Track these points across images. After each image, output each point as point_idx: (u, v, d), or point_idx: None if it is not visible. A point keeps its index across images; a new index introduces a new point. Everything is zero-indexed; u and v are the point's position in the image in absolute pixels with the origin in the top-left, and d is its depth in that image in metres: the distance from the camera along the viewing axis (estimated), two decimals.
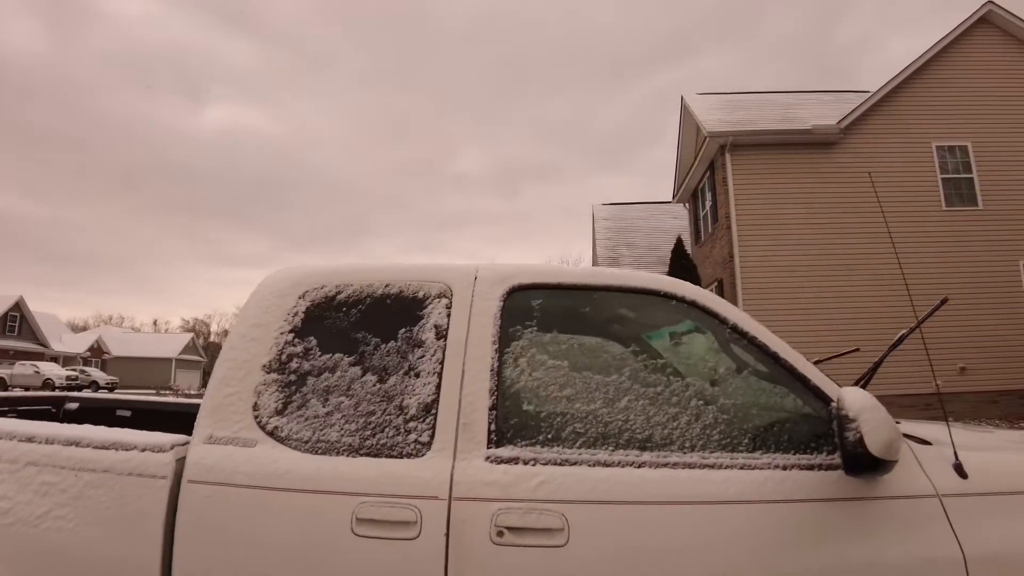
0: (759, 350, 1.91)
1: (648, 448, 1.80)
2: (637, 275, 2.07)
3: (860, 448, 1.60)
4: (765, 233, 14.22)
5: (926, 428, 2.31)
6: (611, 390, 1.88)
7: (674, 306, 2.01)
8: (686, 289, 2.02)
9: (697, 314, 1.99)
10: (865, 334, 13.68)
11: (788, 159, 14.56)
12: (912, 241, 14.09)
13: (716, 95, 17.25)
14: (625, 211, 24.17)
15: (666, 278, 2.07)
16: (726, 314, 1.97)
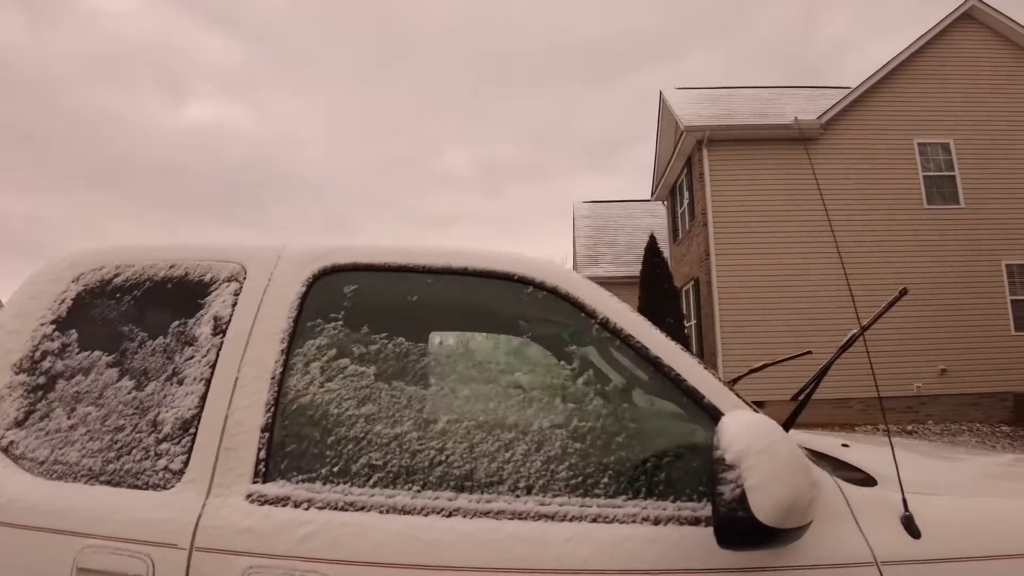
0: (636, 353, 1.43)
1: (467, 489, 1.33)
2: (487, 254, 1.59)
3: (740, 511, 1.09)
4: (743, 230, 13.79)
5: (877, 455, 1.82)
6: (426, 408, 1.41)
7: (530, 294, 1.52)
8: (547, 272, 1.54)
9: (559, 304, 1.50)
10: (845, 334, 13.30)
11: (767, 154, 14.12)
12: (893, 240, 13.74)
13: (695, 90, 16.81)
14: (605, 209, 23.75)
15: (525, 257, 1.58)
16: (594, 304, 1.48)
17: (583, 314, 1.48)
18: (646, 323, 1.49)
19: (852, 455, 1.88)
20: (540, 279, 1.52)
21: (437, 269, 1.55)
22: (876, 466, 1.59)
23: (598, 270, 20.08)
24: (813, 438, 2.32)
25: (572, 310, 1.49)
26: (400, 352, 1.47)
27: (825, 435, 2.67)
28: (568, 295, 1.50)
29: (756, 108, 15.12)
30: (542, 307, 1.52)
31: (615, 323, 1.46)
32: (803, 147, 14.14)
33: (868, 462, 1.68)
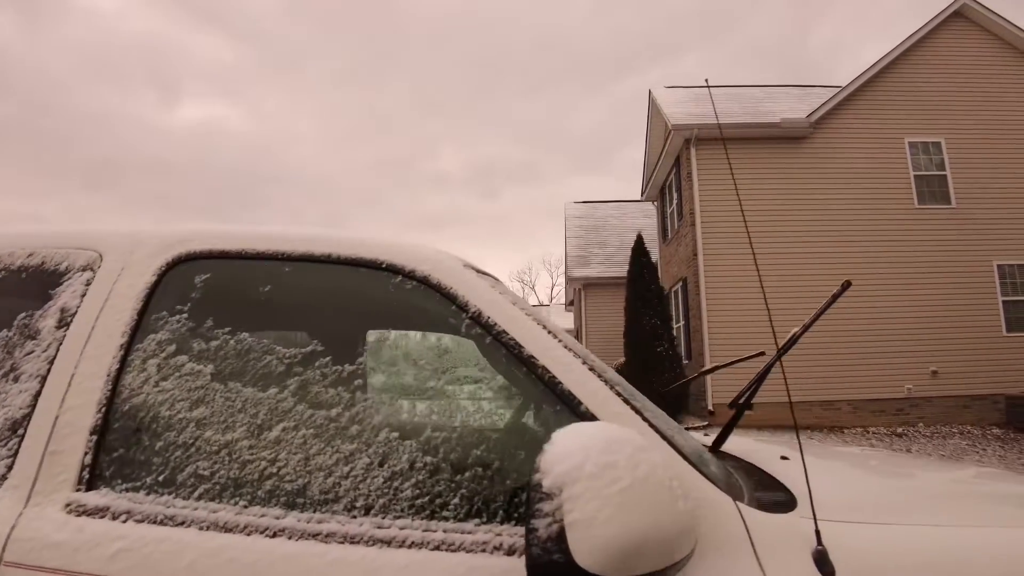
0: (508, 352, 1.24)
1: (299, 506, 1.16)
2: (354, 240, 1.41)
3: (556, 553, 0.88)
4: (731, 230, 13.62)
5: (819, 471, 1.64)
6: (262, 413, 1.24)
7: (398, 284, 1.34)
8: (419, 259, 1.36)
9: (430, 296, 1.33)
10: (835, 334, 13.16)
11: (756, 154, 13.96)
12: (883, 240, 13.59)
13: (685, 88, 16.65)
14: (596, 209, 23.58)
15: (399, 244, 1.41)
16: (467, 296, 1.30)
17: (454, 306, 1.30)
18: (529, 318, 1.30)
19: (787, 470, 1.68)
20: (410, 267, 1.34)
21: (297, 256, 1.38)
22: (805, 483, 1.42)
23: (589, 271, 19.94)
24: (753, 448, 2.13)
25: (443, 302, 1.31)
26: (241, 350, 1.30)
27: (771, 444, 2.50)
28: (439, 285, 1.32)
29: (746, 107, 14.97)
30: (411, 299, 1.35)
31: (487, 317, 1.27)
32: (792, 146, 13.98)
33: (801, 479, 1.50)
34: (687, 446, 1.27)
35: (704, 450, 1.51)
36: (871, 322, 13.25)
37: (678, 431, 1.47)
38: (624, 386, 1.35)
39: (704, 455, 1.41)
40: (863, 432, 12.29)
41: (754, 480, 1.51)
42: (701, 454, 1.38)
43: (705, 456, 1.40)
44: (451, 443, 1.18)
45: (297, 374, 1.26)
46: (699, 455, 1.32)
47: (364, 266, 1.36)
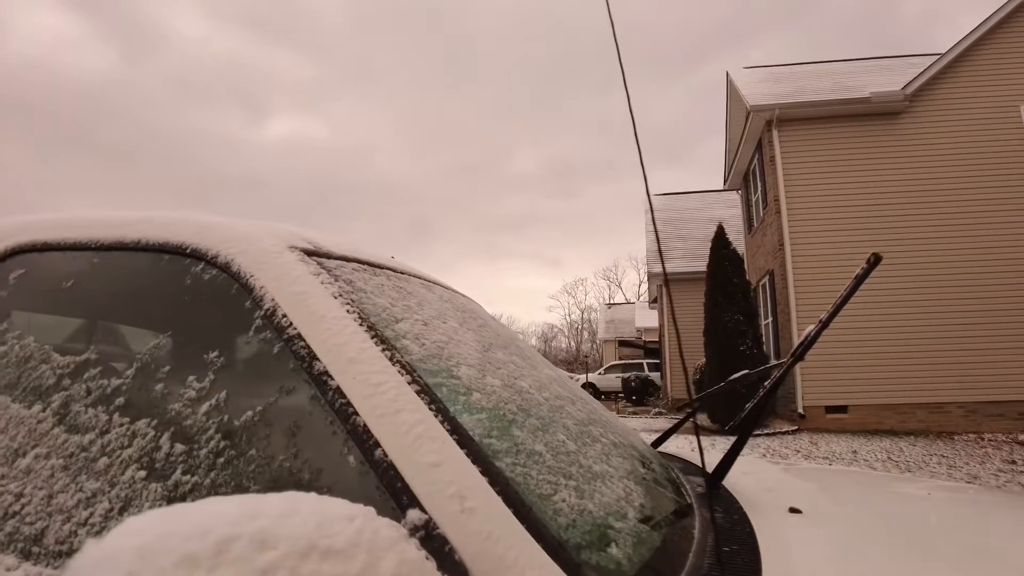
0: (296, 362, 0.92)
1: (34, 556, 0.90)
2: (175, 222, 1.15)
3: None
4: (820, 217, 12.55)
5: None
6: (19, 436, 1.01)
7: (197, 274, 1.07)
8: (226, 242, 1.08)
9: (226, 288, 1.04)
10: (945, 328, 11.88)
11: (845, 133, 12.80)
12: (996, 222, 12.12)
13: (764, 68, 15.58)
14: (678, 201, 22.63)
15: (216, 224, 1.13)
16: (266, 287, 1.00)
17: (248, 302, 1.00)
18: (354, 322, 0.96)
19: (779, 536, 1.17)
20: (213, 253, 1.06)
21: (108, 244, 1.16)
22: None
23: (669, 266, 19.06)
24: (763, 485, 1.60)
25: (239, 295, 1.02)
26: (23, 357, 1.09)
27: (799, 477, 1.92)
28: (238, 274, 1.02)
29: (832, 83, 13.79)
30: (206, 292, 1.06)
31: (282, 317, 0.95)
32: (886, 123, 12.72)
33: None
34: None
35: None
36: (986, 314, 11.87)
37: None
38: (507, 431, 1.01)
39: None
40: (976, 439, 10.97)
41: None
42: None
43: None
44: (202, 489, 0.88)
45: (63, 388, 1.02)
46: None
47: (171, 252, 1.11)
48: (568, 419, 1.29)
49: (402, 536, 0.65)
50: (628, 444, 1.49)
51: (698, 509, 1.12)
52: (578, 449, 1.15)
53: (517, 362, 1.45)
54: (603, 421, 1.53)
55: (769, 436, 11.41)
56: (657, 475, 1.45)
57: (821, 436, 11.31)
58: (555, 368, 1.84)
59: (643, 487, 1.24)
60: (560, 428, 1.20)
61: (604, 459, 1.21)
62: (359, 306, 1.03)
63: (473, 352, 1.25)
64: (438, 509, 0.74)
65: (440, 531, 0.72)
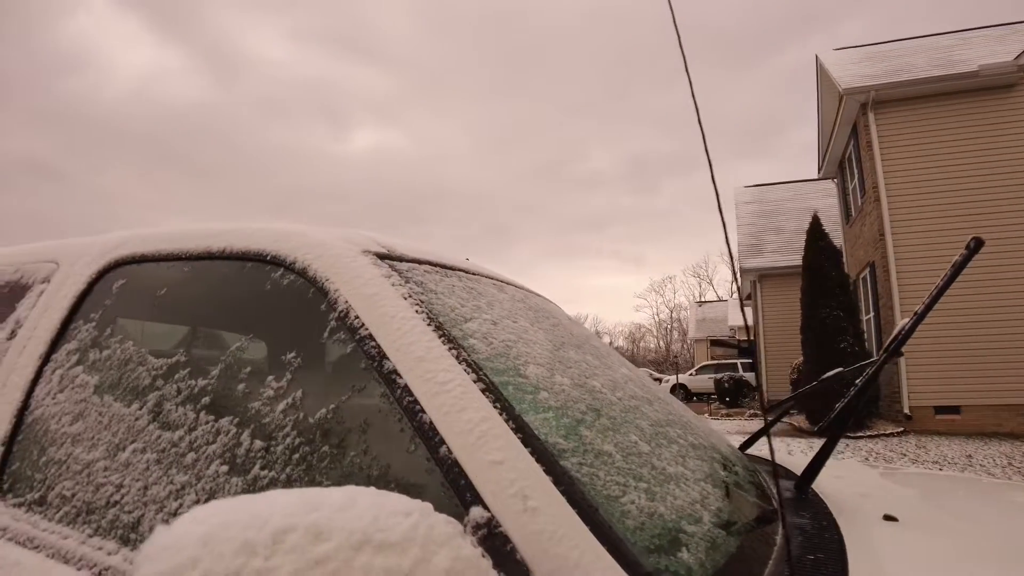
0: (368, 362, 0.95)
1: (132, 542, 0.98)
2: (254, 231, 1.21)
3: None
4: (923, 204, 11.78)
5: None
6: (121, 432, 1.09)
7: (276, 279, 1.12)
8: (306, 248, 1.12)
9: (306, 291, 1.09)
10: None
11: (950, 112, 11.96)
12: None
13: (856, 48, 14.79)
14: (770, 192, 21.80)
15: (293, 231, 1.17)
16: (340, 289, 1.04)
17: (324, 304, 1.04)
18: (422, 323, 0.98)
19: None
20: (292, 259, 1.10)
21: (197, 254, 1.24)
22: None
23: (763, 260, 18.39)
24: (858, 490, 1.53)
25: (316, 298, 1.06)
26: (124, 360, 1.18)
27: (899, 483, 1.81)
28: (315, 278, 1.07)
29: (932, 58, 12.93)
30: (286, 296, 1.11)
31: (355, 318, 0.99)
32: (997, 98, 11.81)
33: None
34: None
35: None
36: None
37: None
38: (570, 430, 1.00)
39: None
40: None
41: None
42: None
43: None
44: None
45: (156, 388, 1.11)
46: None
47: (253, 259, 1.16)
48: (643, 420, 1.28)
49: (458, 532, 0.66)
50: (710, 446, 1.46)
51: (783, 514, 1.06)
52: (652, 450, 1.14)
53: (590, 361, 1.45)
54: (683, 422, 1.50)
55: (871, 438, 10.81)
56: (740, 479, 1.41)
57: (930, 439, 10.62)
58: (634, 368, 1.82)
59: (723, 491, 1.22)
60: (633, 429, 1.19)
61: (680, 461, 1.19)
62: (428, 306, 1.05)
63: (543, 351, 1.26)
64: (501, 507, 0.75)
65: (502, 529, 0.73)
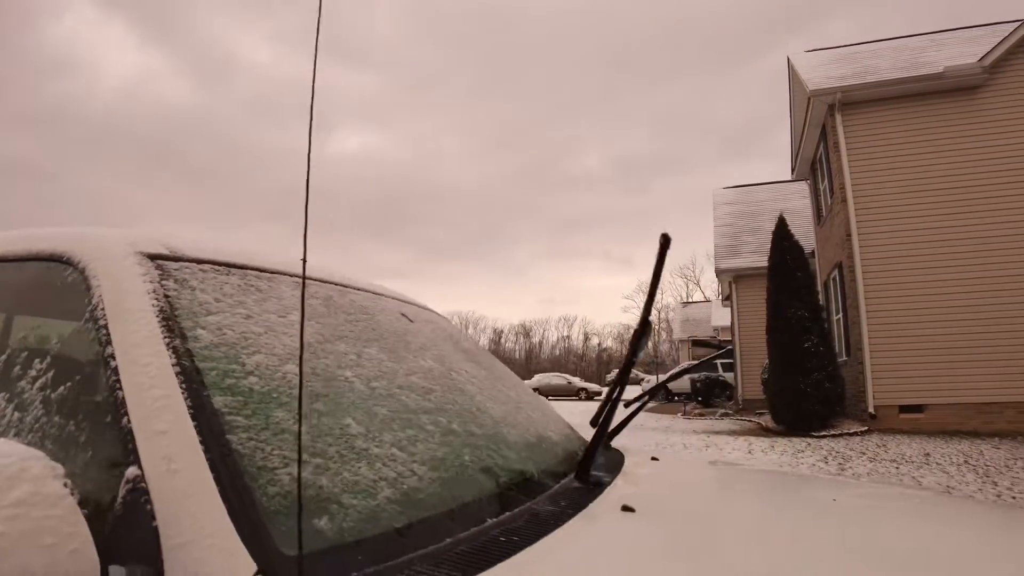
0: (102, 351, 1.07)
1: None
2: (40, 234, 1.35)
3: None
4: (890, 204, 11.80)
5: None
6: None
7: (66, 276, 1.24)
8: (82, 248, 1.24)
9: (83, 287, 1.19)
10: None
11: (917, 113, 11.99)
12: None
13: (828, 50, 14.82)
14: (748, 194, 21.85)
15: (72, 232, 1.32)
16: (100, 286, 1.16)
17: (87, 299, 1.14)
18: (149, 310, 1.11)
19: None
20: (78, 259, 1.22)
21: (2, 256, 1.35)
22: None
23: (739, 261, 18.41)
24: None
25: (85, 295, 1.16)
26: None
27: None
28: (88, 276, 1.18)
29: (900, 60, 12.96)
30: (70, 293, 1.21)
31: (101, 309, 1.11)
32: (963, 100, 11.83)
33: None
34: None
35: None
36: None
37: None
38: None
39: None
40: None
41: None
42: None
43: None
44: None
45: None
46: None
47: (44, 260, 1.28)
48: (387, 407, 1.32)
49: (51, 475, 0.75)
50: (492, 435, 1.51)
51: (511, 503, 1.14)
52: (366, 432, 1.19)
53: (372, 355, 1.51)
54: (481, 416, 1.56)
55: (835, 438, 10.81)
56: (499, 466, 1.41)
57: (893, 437, 10.63)
58: (475, 365, 1.89)
59: (454, 478, 1.25)
60: (360, 414, 1.24)
61: (404, 445, 1.23)
62: (171, 301, 1.17)
63: (290, 342, 1.32)
64: (150, 467, 0.86)
65: (144, 484, 0.84)
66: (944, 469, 8.57)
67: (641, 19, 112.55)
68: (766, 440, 11.01)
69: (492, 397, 1.71)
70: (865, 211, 11.88)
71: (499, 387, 1.84)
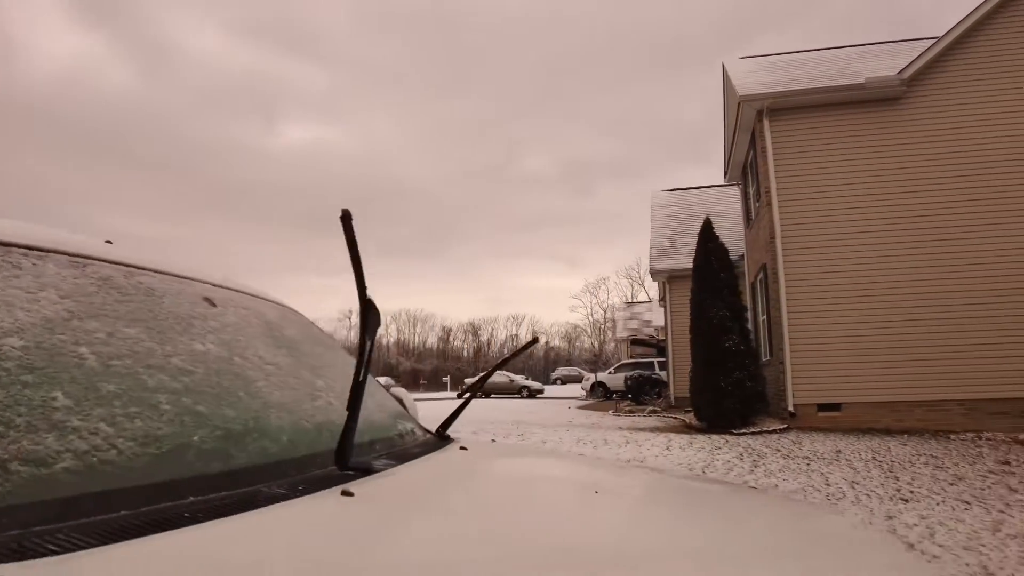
0: None
1: None
2: None
3: None
4: (812, 208, 12.12)
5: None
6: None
7: None
8: None
9: None
10: (939, 325, 11.41)
11: (841, 121, 12.35)
12: (1004, 212, 11.57)
13: (760, 58, 15.14)
14: (686, 196, 22.22)
15: None
16: None
17: None
18: None
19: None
20: None
21: None
22: None
23: (672, 262, 18.70)
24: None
25: None
26: None
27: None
28: None
29: (826, 70, 13.32)
30: None
31: None
32: (884, 110, 12.23)
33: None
34: None
35: None
36: (992, 307, 11.34)
37: None
38: None
39: None
40: (975, 438, 10.47)
41: None
42: None
43: None
44: None
45: None
46: None
47: None
48: (116, 384, 1.27)
49: None
50: (258, 421, 1.48)
51: (255, 484, 1.12)
52: (73, 406, 1.15)
53: (130, 335, 1.47)
54: (250, 401, 1.53)
55: (754, 435, 11.04)
56: (243, 448, 1.40)
57: (809, 435, 10.92)
58: (286, 353, 1.87)
59: (169, 455, 1.21)
60: (79, 388, 1.21)
61: (118, 421, 1.19)
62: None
63: (24, 317, 1.29)
64: None
65: None
66: (852, 465, 8.83)
67: (589, 26, 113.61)
68: (687, 437, 11.17)
69: (282, 385, 1.68)
70: (789, 215, 12.17)
71: (305, 376, 1.82)
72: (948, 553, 5.27)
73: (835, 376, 11.62)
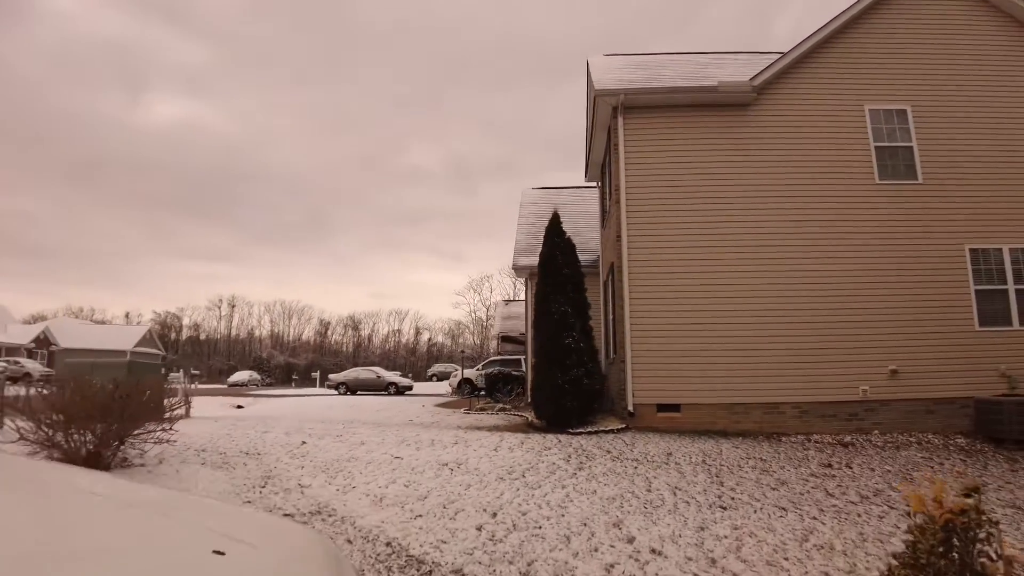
0: None
1: None
2: None
3: None
4: (658, 209, 12.01)
5: None
6: None
7: None
8: None
9: None
10: (780, 327, 11.56)
11: (694, 123, 12.33)
12: (839, 219, 11.94)
13: (624, 56, 15.04)
14: (554, 195, 22.03)
15: None
16: None
17: None
18: None
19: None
20: None
21: None
22: None
23: (534, 259, 18.35)
24: None
25: None
26: None
27: None
28: None
29: (684, 72, 13.32)
30: None
31: None
32: (735, 115, 12.31)
33: None
34: None
35: None
36: (822, 313, 11.63)
37: None
38: None
39: None
40: (805, 440, 10.62)
41: None
42: None
43: None
44: None
45: None
46: None
47: None
48: None
49: None
50: None
51: None
52: None
53: None
54: None
55: (590, 435, 10.73)
56: None
57: (645, 436, 10.73)
58: None
59: None
60: None
61: None
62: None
63: None
64: None
65: None
66: (680, 469, 8.60)
67: (474, 31, 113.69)
68: (521, 436, 10.72)
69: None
70: (635, 214, 12.00)
71: None
72: (749, 570, 4.97)
73: (675, 377, 11.54)
